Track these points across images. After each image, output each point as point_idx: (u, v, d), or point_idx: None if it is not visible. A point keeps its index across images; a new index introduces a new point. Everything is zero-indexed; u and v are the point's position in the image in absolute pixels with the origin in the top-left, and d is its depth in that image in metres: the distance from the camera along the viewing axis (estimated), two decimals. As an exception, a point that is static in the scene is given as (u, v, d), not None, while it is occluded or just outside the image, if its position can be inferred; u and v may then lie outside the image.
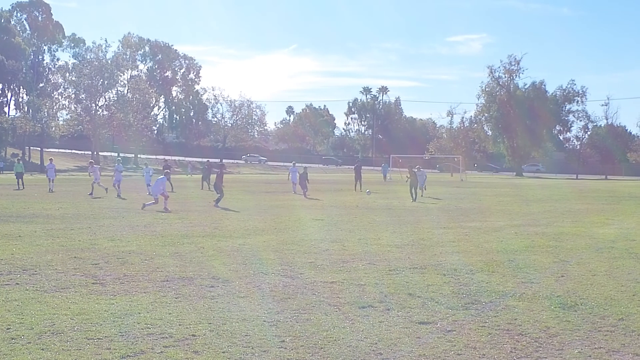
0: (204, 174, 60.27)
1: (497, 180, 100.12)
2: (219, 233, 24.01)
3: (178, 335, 10.34)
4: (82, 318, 11.30)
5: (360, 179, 60.45)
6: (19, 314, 11.57)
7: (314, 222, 28.76)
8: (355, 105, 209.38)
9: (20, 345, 9.73)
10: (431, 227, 26.77)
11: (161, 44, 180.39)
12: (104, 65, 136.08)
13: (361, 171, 62.31)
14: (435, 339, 10.27)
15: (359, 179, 60.13)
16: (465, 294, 13.40)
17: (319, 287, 14.08)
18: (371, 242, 21.68)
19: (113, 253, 18.81)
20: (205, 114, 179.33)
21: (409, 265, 16.97)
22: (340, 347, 9.76)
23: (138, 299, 12.89)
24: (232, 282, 14.49)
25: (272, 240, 22.05)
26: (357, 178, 60.15)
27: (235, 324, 10.97)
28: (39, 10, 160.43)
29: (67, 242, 21.27)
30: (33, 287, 13.85)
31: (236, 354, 9.43)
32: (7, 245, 20.19)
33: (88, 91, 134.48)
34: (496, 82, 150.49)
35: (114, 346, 9.74)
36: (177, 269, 16.15)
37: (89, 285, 14.18)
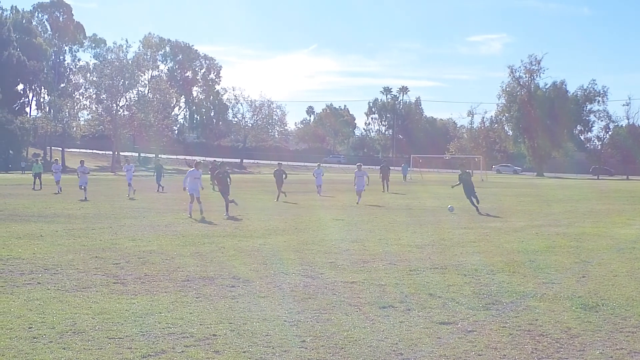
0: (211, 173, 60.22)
1: (517, 180, 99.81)
2: (240, 233, 24.05)
3: (199, 334, 10.37)
4: (103, 317, 11.34)
5: (387, 179, 59.28)
6: (41, 313, 11.62)
7: (334, 222, 28.76)
8: (376, 105, 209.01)
9: (42, 345, 9.77)
10: (452, 227, 26.72)
11: (182, 44, 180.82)
12: (125, 66, 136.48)
13: (389, 171, 60.75)
14: (456, 339, 10.26)
15: (386, 179, 59.03)
16: (486, 295, 13.37)
17: (339, 287, 14.08)
18: (392, 242, 21.66)
19: (134, 253, 18.87)
20: (225, 114, 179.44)
21: (430, 265, 16.95)
22: (360, 347, 9.76)
23: (159, 298, 12.92)
24: (253, 282, 14.51)
25: (293, 240, 22.07)
26: (383, 178, 59.09)
27: (256, 324, 10.99)
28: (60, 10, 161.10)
29: (89, 241, 21.35)
30: (54, 287, 13.91)
31: (257, 354, 9.44)
32: (29, 245, 20.28)
33: (109, 91, 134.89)
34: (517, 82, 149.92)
35: (135, 345, 9.77)
36: (198, 269, 16.19)
37: (110, 284, 14.24)
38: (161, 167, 57.43)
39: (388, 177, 59.55)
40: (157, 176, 54.21)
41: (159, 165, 57.73)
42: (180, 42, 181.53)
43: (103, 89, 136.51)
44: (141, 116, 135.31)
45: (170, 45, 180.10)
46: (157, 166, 57.35)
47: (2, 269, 16.08)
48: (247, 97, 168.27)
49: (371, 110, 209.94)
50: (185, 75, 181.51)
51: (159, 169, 56.13)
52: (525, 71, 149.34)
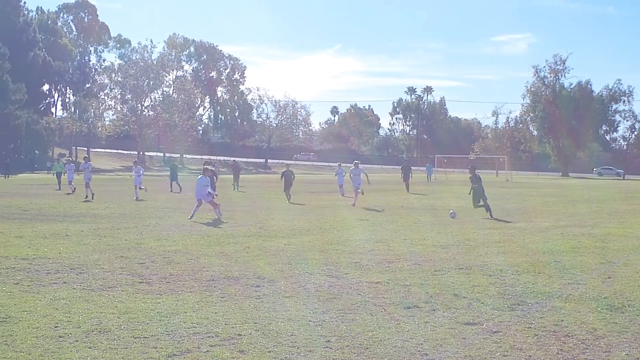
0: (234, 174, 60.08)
1: (542, 180, 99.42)
2: (264, 233, 24.08)
3: (224, 334, 10.39)
4: (128, 317, 11.38)
5: (408, 179, 58.33)
6: (67, 312, 11.67)
7: (359, 222, 28.74)
8: (400, 105, 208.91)
9: (67, 344, 9.81)
10: (476, 227, 26.66)
11: (206, 44, 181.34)
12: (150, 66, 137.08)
13: (410, 172, 59.70)
14: (481, 339, 10.24)
15: (407, 179, 58.15)
16: (511, 295, 13.33)
17: (364, 287, 14.07)
18: (416, 242, 21.63)
19: (159, 252, 18.93)
20: (250, 114, 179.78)
21: (455, 265, 16.92)
22: (385, 348, 9.75)
23: (184, 298, 12.96)
24: (278, 282, 14.52)
25: (317, 240, 22.07)
26: (405, 178, 58.29)
27: (280, 324, 11.00)
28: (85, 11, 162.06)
29: (114, 241, 21.43)
30: (80, 286, 13.97)
31: (282, 354, 9.45)
32: (55, 244, 20.37)
33: (134, 91, 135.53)
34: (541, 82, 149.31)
35: (160, 345, 9.80)
36: (223, 269, 16.21)
37: (136, 284, 14.28)
38: (176, 167, 57.38)
39: (409, 177, 58.62)
40: (172, 176, 54.23)
41: (174, 165, 57.69)
42: (204, 42, 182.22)
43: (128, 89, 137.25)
44: (166, 116, 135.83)
45: (194, 45, 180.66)
46: (172, 166, 57.36)
47: (28, 268, 16.16)
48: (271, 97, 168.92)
49: (395, 110, 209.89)
50: (210, 75, 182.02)
51: (173, 168, 56.12)
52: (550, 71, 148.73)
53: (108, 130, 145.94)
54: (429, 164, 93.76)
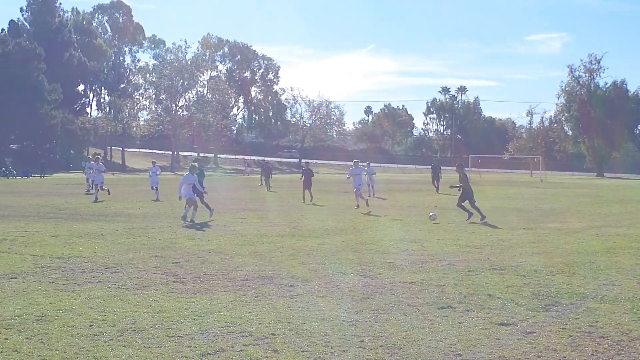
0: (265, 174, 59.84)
1: (576, 180, 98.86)
2: (298, 233, 24.11)
3: (258, 333, 10.41)
4: (162, 316, 11.44)
5: (439, 179, 57.29)
6: (102, 311, 11.75)
7: (392, 222, 28.72)
8: (434, 105, 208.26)
9: (102, 342, 9.88)
10: (510, 228, 26.54)
11: (240, 44, 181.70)
12: (184, 66, 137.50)
13: (440, 171, 58.74)
14: (515, 340, 10.20)
15: (437, 179, 57.20)
16: (545, 296, 13.28)
17: (397, 287, 14.07)
18: (450, 242, 21.58)
19: (193, 252, 19.01)
20: (284, 114, 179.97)
21: (489, 266, 16.87)
22: (419, 348, 9.74)
23: (218, 297, 13.00)
24: (311, 282, 14.54)
25: (351, 240, 22.07)
26: (435, 179, 57.42)
27: (314, 324, 11.01)
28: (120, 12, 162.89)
29: (148, 240, 21.55)
30: (115, 285, 14.06)
31: (315, 353, 9.46)
32: (90, 244, 20.51)
33: (168, 92, 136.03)
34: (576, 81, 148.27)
35: (194, 344, 9.85)
36: (257, 268, 16.26)
37: (170, 283, 14.36)
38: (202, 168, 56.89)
39: (439, 177, 57.54)
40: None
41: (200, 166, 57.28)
42: (238, 42, 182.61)
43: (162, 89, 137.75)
44: (200, 116, 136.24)
45: (228, 45, 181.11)
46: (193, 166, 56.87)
47: (63, 267, 16.28)
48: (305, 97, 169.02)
49: (429, 110, 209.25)
50: (244, 75, 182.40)
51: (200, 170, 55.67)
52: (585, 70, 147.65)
53: (142, 130, 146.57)
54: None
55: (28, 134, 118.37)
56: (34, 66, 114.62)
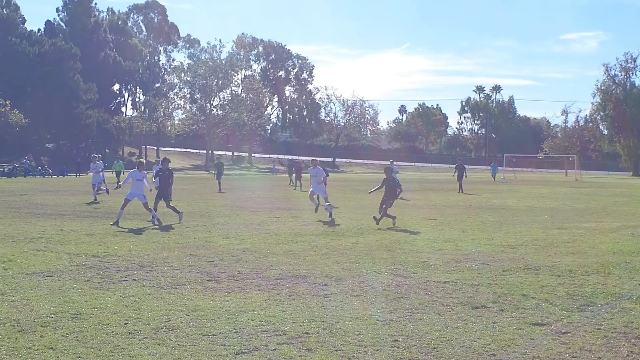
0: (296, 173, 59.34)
1: (611, 180, 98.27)
2: (332, 232, 24.11)
3: (291, 332, 10.43)
4: (197, 314, 11.48)
5: (462, 179, 55.96)
6: (136, 309, 11.81)
7: (427, 221, 28.65)
8: (468, 104, 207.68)
9: (137, 340, 9.93)
10: (545, 227, 26.41)
11: (274, 44, 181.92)
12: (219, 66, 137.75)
13: (464, 171, 57.63)
14: (549, 340, 10.16)
15: (460, 179, 55.78)
16: (580, 296, 13.21)
17: (431, 286, 14.04)
18: (484, 242, 21.51)
19: (227, 251, 19.05)
20: (318, 113, 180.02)
21: (523, 266, 16.80)
22: (453, 348, 9.72)
23: (252, 296, 13.03)
24: (345, 281, 14.54)
25: (385, 239, 22.04)
26: (458, 178, 55.97)
27: (348, 323, 11.01)
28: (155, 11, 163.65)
29: (183, 239, 21.63)
30: (150, 284, 14.12)
31: (349, 353, 9.46)
32: (125, 242, 20.62)
33: (203, 91, 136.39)
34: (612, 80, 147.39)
35: (228, 342, 9.88)
36: (291, 267, 16.28)
37: (204, 282, 14.40)
38: (221, 166, 57.14)
39: (462, 177, 56.17)
40: (217, 174, 54.04)
41: (220, 163, 56.96)
42: (273, 42, 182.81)
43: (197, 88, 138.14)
44: (234, 115, 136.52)
45: (263, 45, 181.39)
46: (218, 164, 56.77)
47: (98, 265, 16.38)
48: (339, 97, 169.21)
49: (464, 109, 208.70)
50: (278, 74, 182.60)
51: (219, 167, 55.64)
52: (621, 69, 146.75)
53: (177, 129, 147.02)
54: (493, 163, 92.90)
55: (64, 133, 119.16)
56: (69, 66, 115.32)
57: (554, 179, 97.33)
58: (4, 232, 22.97)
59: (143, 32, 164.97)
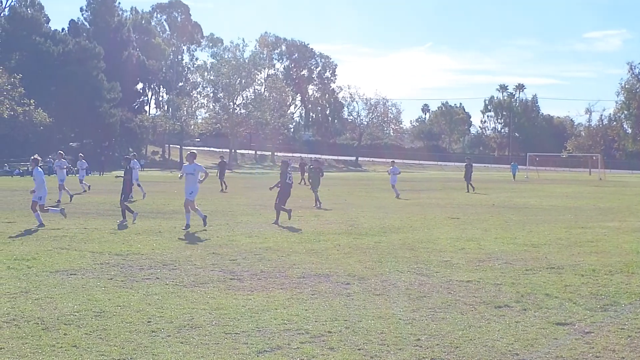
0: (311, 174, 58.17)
1: (636, 179, 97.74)
2: (355, 231, 24.10)
3: (314, 331, 10.44)
4: (220, 313, 11.52)
5: (470, 178, 54.75)
6: (159, 307, 11.86)
7: (449, 220, 28.59)
8: (492, 103, 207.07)
9: (160, 338, 9.98)
10: (568, 226, 26.32)
11: (297, 43, 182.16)
12: (242, 65, 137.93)
13: (472, 170, 56.02)
14: (572, 340, 10.13)
15: (468, 178, 54.63)
16: (603, 296, 13.16)
17: (454, 285, 14.02)
18: (507, 241, 21.45)
19: (250, 249, 19.08)
20: (340, 112, 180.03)
21: (546, 265, 16.75)
22: (476, 347, 9.71)
23: (275, 295, 13.05)
24: (368, 280, 14.54)
25: (408, 238, 22.01)
26: (466, 177, 54.98)
27: (370, 322, 11.01)
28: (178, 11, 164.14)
29: (206, 238, 21.68)
30: (173, 282, 14.17)
31: (371, 352, 9.47)
32: (148, 241, 20.68)
33: (226, 90, 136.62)
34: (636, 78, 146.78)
35: (251, 341, 9.91)
36: (313, 266, 16.29)
37: (227, 280, 14.43)
38: (225, 165, 56.43)
39: (470, 176, 54.92)
40: (220, 174, 53.29)
41: (223, 162, 56.09)
42: (295, 40, 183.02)
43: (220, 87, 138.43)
44: (257, 114, 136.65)
45: (286, 44, 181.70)
46: (221, 163, 55.92)
47: (122, 264, 16.44)
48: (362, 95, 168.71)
49: (487, 108, 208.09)
50: (301, 73, 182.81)
51: (222, 166, 55.05)
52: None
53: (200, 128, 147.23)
54: (513, 163, 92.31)
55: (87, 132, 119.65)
56: (93, 65, 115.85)
57: (578, 178, 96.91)
58: (28, 230, 23.09)
59: (166, 31, 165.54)
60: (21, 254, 17.79)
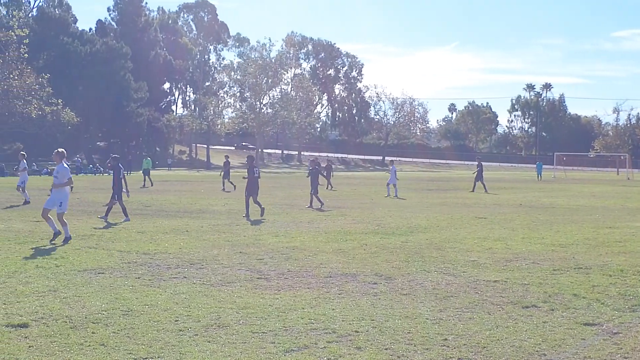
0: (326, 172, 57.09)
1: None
2: (382, 230, 24.07)
3: (341, 331, 10.44)
4: (247, 312, 11.53)
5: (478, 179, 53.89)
6: (187, 306, 11.89)
7: (476, 220, 28.51)
8: (519, 102, 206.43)
9: (187, 337, 10.00)
10: (596, 226, 26.18)
11: (324, 42, 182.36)
12: (268, 64, 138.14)
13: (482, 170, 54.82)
14: (600, 341, 10.08)
15: (480, 178, 53.84)
16: (632, 296, 13.08)
17: (481, 285, 13.99)
18: (535, 241, 21.37)
19: (277, 249, 19.10)
20: (367, 111, 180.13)
21: (574, 265, 16.67)
22: (503, 347, 9.68)
23: (302, 294, 13.06)
24: (395, 279, 14.53)
25: (435, 237, 21.98)
26: (477, 177, 54.26)
27: (397, 321, 11.00)
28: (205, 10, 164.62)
29: (233, 237, 21.72)
30: (200, 281, 14.20)
31: (398, 351, 9.46)
32: (176, 240, 20.74)
33: (253, 89, 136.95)
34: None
35: (278, 340, 9.91)
36: (340, 266, 16.29)
37: (254, 280, 14.45)
38: (228, 164, 55.19)
39: (480, 176, 53.99)
40: (224, 174, 52.64)
41: (227, 162, 55.56)
42: (322, 40, 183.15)
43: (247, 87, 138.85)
44: (284, 114, 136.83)
45: (312, 43, 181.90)
46: (226, 163, 55.59)
47: (149, 263, 16.49)
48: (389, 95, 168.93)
49: (514, 107, 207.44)
50: (328, 73, 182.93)
51: (226, 166, 54.14)
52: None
53: (227, 127, 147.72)
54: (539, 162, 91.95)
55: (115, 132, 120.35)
56: (120, 65, 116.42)
57: (605, 177, 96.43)
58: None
59: (193, 31, 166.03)
60: (49, 252, 17.88)
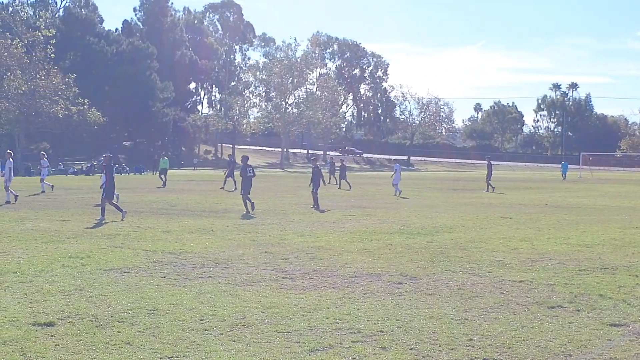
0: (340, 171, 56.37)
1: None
2: (407, 230, 24.05)
3: (366, 330, 10.44)
4: (272, 311, 11.55)
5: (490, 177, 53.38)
6: (212, 306, 11.92)
7: (502, 220, 28.44)
8: (545, 102, 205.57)
9: (212, 337, 10.03)
10: (623, 226, 26.06)
11: (349, 42, 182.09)
12: (294, 64, 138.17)
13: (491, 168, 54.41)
14: (627, 341, 10.04)
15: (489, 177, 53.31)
16: (659, 296, 13.04)
17: (507, 286, 13.96)
18: (560, 241, 21.30)
19: (302, 248, 19.11)
20: (392, 111, 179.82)
21: (600, 265, 16.61)
22: (528, 347, 9.66)
23: (327, 294, 13.07)
24: (420, 279, 14.52)
25: (460, 237, 21.94)
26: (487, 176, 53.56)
27: (422, 321, 11.00)
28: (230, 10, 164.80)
29: (258, 236, 21.75)
30: (225, 280, 14.23)
31: (423, 351, 9.45)
32: (201, 239, 20.79)
33: (278, 89, 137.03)
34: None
35: (303, 340, 9.93)
36: (365, 265, 16.29)
37: (279, 279, 14.47)
38: (233, 163, 53.73)
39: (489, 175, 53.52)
40: (228, 173, 51.59)
41: (231, 162, 54.77)
42: (347, 40, 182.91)
43: (272, 87, 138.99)
44: (309, 114, 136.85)
45: (338, 43, 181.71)
46: (230, 162, 55.62)
47: (175, 262, 16.55)
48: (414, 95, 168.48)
49: (539, 107, 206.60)
50: (353, 73, 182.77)
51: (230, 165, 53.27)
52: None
53: (253, 127, 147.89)
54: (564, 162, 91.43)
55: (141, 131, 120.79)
56: (146, 65, 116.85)
57: (632, 177, 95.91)
58: (82, 229, 23.31)
59: (219, 30, 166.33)
60: (76, 252, 17.96)
